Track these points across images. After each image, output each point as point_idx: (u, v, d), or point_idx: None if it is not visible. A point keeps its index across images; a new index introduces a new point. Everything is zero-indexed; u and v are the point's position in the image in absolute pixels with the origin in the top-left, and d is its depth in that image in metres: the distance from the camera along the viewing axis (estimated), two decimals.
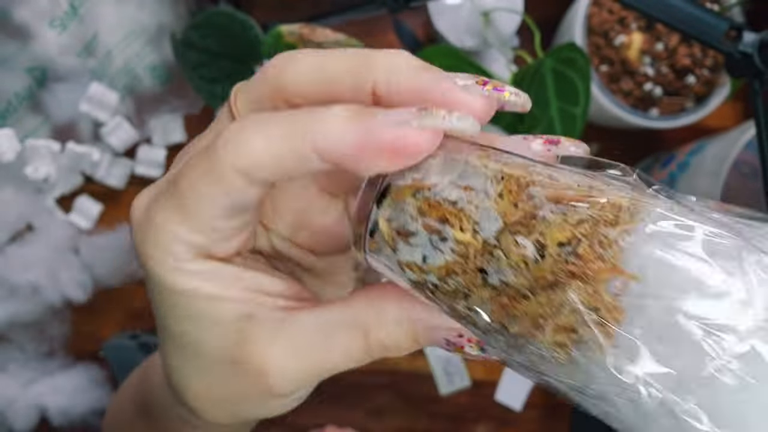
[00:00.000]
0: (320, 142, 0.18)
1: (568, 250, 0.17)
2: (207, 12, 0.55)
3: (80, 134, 0.65)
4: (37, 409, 0.62)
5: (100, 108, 0.63)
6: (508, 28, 0.65)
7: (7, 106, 0.62)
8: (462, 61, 0.53)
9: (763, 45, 0.41)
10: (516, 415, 0.71)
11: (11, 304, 0.62)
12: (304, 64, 0.21)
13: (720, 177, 0.52)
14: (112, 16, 0.62)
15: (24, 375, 0.63)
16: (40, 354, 0.65)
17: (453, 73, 0.20)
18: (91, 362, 0.66)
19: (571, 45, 0.52)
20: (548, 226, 0.17)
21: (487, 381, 0.71)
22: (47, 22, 0.60)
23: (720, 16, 0.44)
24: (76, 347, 0.67)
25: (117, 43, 0.63)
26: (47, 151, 0.62)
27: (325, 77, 0.20)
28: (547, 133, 0.59)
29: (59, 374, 0.64)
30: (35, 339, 0.65)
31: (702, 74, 0.62)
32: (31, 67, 0.61)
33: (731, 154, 0.52)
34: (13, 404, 0.62)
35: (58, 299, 0.62)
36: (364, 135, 0.18)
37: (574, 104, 0.55)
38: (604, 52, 0.61)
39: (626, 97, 0.62)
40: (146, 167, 0.67)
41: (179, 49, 0.58)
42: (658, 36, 0.62)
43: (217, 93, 0.57)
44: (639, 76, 0.61)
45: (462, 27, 0.64)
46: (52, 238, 0.63)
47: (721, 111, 0.73)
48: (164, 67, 0.65)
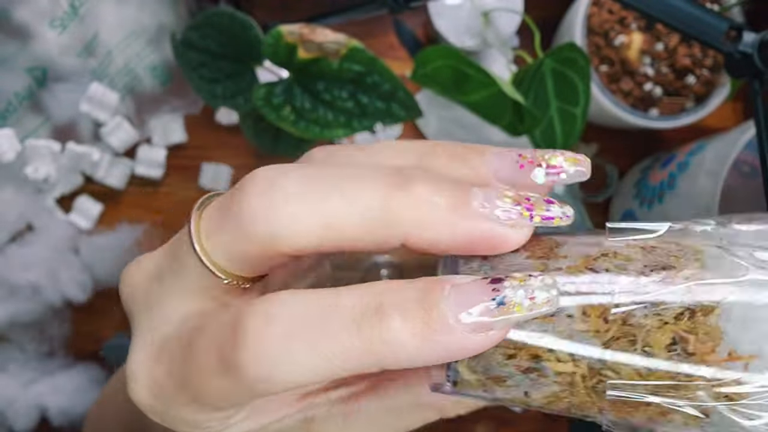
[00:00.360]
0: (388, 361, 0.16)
1: (678, 350, 0.16)
2: (207, 12, 0.55)
3: (80, 134, 0.65)
4: (37, 409, 0.62)
5: (100, 108, 0.63)
6: (508, 28, 0.65)
7: (7, 106, 0.62)
8: (462, 61, 0.53)
9: (763, 45, 0.41)
10: (516, 415, 0.71)
11: (11, 304, 0.62)
12: (303, 220, 0.16)
13: (720, 177, 0.52)
14: (113, 16, 0.62)
15: (24, 375, 0.63)
16: (41, 354, 0.65)
17: (486, 191, 0.17)
18: (91, 362, 0.66)
19: (571, 45, 0.52)
20: (648, 332, 0.16)
21: None
22: (47, 22, 0.60)
23: (720, 16, 0.44)
24: (77, 347, 0.67)
25: (117, 44, 0.63)
26: (47, 151, 0.62)
27: (337, 237, 0.17)
28: (546, 133, 0.59)
29: (59, 374, 0.64)
30: (35, 339, 0.65)
31: (702, 74, 0.62)
32: (31, 67, 0.61)
33: (731, 154, 0.52)
34: (13, 404, 0.62)
35: (58, 299, 0.62)
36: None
37: (574, 104, 0.55)
38: (604, 52, 0.61)
39: (626, 97, 0.62)
40: (146, 167, 0.67)
41: (179, 50, 0.58)
42: (658, 36, 0.62)
43: (217, 93, 0.57)
44: (639, 76, 0.61)
45: (462, 27, 0.64)
46: (52, 238, 0.63)
47: (721, 111, 0.73)
48: (164, 67, 0.65)
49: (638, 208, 0.64)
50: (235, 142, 0.70)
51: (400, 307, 0.15)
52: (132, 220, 0.68)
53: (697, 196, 0.54)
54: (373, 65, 0.51)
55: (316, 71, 0.51)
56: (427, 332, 0.15)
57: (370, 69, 0.51)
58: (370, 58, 0.50)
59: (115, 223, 0.67)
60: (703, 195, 0.53)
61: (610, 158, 0.72)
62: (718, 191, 0.52)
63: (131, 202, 0.68)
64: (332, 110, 0.53)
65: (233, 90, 0.56)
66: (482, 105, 0.56)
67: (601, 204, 0.72)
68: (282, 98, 0.52)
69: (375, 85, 0.52)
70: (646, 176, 0.65)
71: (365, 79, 0.51)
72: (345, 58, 0.50)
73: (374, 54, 0.51)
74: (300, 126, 0.53)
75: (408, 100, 0.52)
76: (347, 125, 0.53)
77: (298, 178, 0.16)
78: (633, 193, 0.66)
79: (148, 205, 0.68)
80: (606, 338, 0.16)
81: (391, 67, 0.52)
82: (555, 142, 0.57)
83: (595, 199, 0.71)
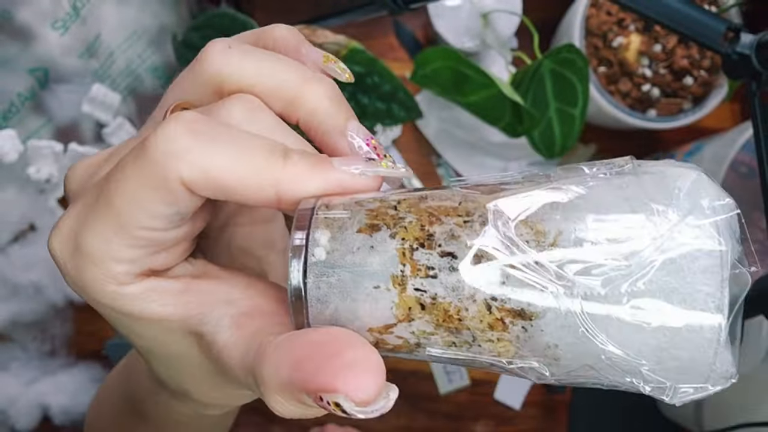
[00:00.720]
0: (284, 187, 0.19)
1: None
2: (208, 13, 0.55)
3: (82, 135, 0.66)
4: (39, 407, 0.63)
5: (102, 109, 0.63)
6: (507, 29, 0.65)
7: (10, 107, 0.63)
8: (461, 62, 0.53)
9: (761, 46, 0.41)
10: (515, 413, 0.71)
11: (14, 304, 0.62)
12: (248, 66, 0.21)
13: (718, 177, 0.52)
14: (114, 17, 0.63)
15: (26, 374, 0.64)
16: (42, 353, 0.66)
17: (353, 124, 0.22)
18: (93, 361, 0.67)
19: (569, 46, 0.53)
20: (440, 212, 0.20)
21: (486, 380, 0.71)
22: (49, 24, 0.60)
23: (718, 18, 0.44)
24: (79, 346, 0.68)
25: (119, 45, 0.63)
26: (50, 151, 0.62)
27: (265, 90, 0.21)
28: (545, 133, 0.59)
29: (61, 373, 0.65)
30: (37, 338, 0.65)
31: (700, 75, 0.62)
32: (33, 68, 0.61)
33: (729, 154, 0.52)
34: (15, 403, 0.62)
35: (60, 299, 0.63)
36: (324, 184, 0.20)
37: (572, 105, 0.55)
38: (602, 54, 0.62)
39: (624, 98, 0.62)
40: None
41: (180, 51, 0.58)
42: (656, 37, 0.62)
43: None
44: (637, 78, 0.62)
45: (461, 28, 0.65)
46: None
47: (718, 112, 0.73)
48: (166, 68, 0.65)
49: None
50: None
51: (301, 151, 0.20)
52: None
53: None
54: (373, 66, 0.51)
55: None
56: (319, 167, 0.20)
57: (370, 70, 0.51)
58: (370, 59, 0.51)
59: None
60: None
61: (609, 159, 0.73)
62: None
63: None
64: None
65: None
66: (481, 106, 0.56)
67: None
68: None
69: (375, 86, 0.52)
70: None
71: (365, 79, 0.52)
72: (345, 59, 0.51)
73: (374, 55, 0.51)
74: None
75: (408, 100, 0.52)
76: None
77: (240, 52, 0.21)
78: None
79: None
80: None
81: (391, 68, 0.52)
82: (554, 142, 0.57)
83: None
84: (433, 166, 0.72)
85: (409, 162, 0.72)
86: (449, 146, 0.71)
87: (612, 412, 0.72)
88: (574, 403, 0.72)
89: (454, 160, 0.71)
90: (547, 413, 0.72)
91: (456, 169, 0.71)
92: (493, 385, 0.71)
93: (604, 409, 0.72)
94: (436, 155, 0.72)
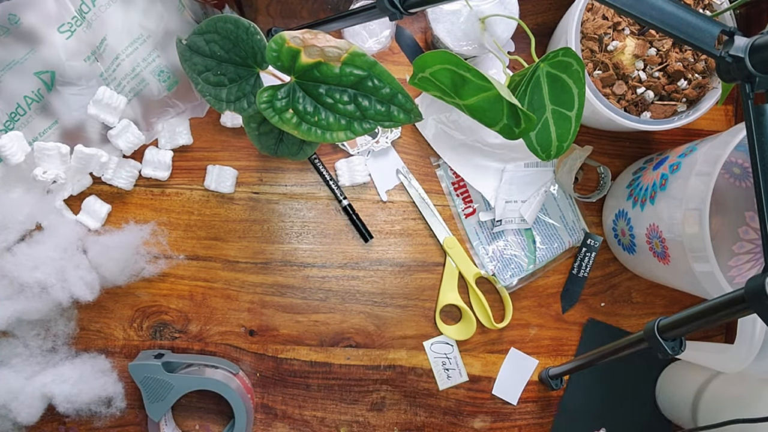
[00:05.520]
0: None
1: None
2: (212, 18, 0.56)
3: (89, 137, 0.67)
4: (42, 399, 0.63)
5: (107, 111, 0.64)
6: (504, 33, 0.66)
7: (17, 109, 0.64)
8: (460, 65, 0.54)
9: (754, 49, 0.41)
10: (512, 409, 0.72)
11: (19, 302, 0.63)
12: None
13: (711, 178, 0.52)
14: (120, 21, 0.63)
15: (27, 369, 0.64)
16: (44, 350, 0.66)
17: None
18: (96, 352, 0.68)
19: (565, 50, 0.53)
20: None
21: (484, 376, 0.72)
22: (56, 27, 0.61)
23: (712, 21, 0.44)
24: (83, 344, 0.69)
25: (124, 48, 0.64)
26: (56, 153, 0.63)
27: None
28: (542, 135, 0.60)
29: (63, 364, 0.65)
30: (40, 335, 0.66)
31: (694, 78, 0.63)
32: (40, 71, 0.62)
33: (722, 155, 0.53)
34: (17, 397, 0.62)
35: (65, 298, 0.63)
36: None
37: (568, 108, 0.56)
38: (598, 57, 0.63)
39: (619, 100, 0.63)
40: (153, 169, 0.68)
41: (185, 54, 0.59)
42: (651, 41, 0.63)
43: (221, 97, 0.58)
44: (632, 80, 0.63)
45: (460, 33, 0.66)
46: (60, 238, 0.64)
47: (712, 114, 0.74)
48: (170, 71, 0.66)
49: (631, 209, 0.65)
50: (239, 144, 0.71)
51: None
52: (139, 220, 0.69)
53: (688, 196, 0.55)
54: (373, 69, 0.52)
55: (317, 75, 0.52)
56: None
57: (370, 73, 0.52)
58: (370, 62, 0.52)
59: (122, 223, 0.69)
60: (695, 196, 0.54)
61: (604, 160, 0.74)
62: (709, 192, 0.52)
63: (138, 202, 0.70)
64: (333, 113, 0.54)
65: (237, 94, 0.57)
66: (479, 108, 0.57)
67: (595, 204, 0.74)
68: (284, 102, 0.53)
69: (375, 89, 0.53)
70: (638, 177, 0.66)
71: (365, 82, 0.52)
72: (346, 63, 0.51)
73: (374, 58, 0.52)
74: (302, 129, 0.54)
75: (407, 103, 0.53)
76: (348, 128, 0.54)
77: None
78: (626, 194, 0.67)
79: (154, 206, 0.70)
80: None
81: (391, 72, 0.53)
82: (550, 144, 0.58)
83: (589, 200, 0.73)
84: (432, 168, 0.73)
85: (409, 163, 0.73)
86: (448, 148, 0.72)
87: (602, 408, 0.73)
88: (563, 399, 0.73)
89: (453, 161, 0.72)
90: (543, 409, 0.73)
91: (454, 171, 0.72)
92: (490, 382, 0.72)
93: (592, 404, 0.73)
94: (434, 156, 0.73)
